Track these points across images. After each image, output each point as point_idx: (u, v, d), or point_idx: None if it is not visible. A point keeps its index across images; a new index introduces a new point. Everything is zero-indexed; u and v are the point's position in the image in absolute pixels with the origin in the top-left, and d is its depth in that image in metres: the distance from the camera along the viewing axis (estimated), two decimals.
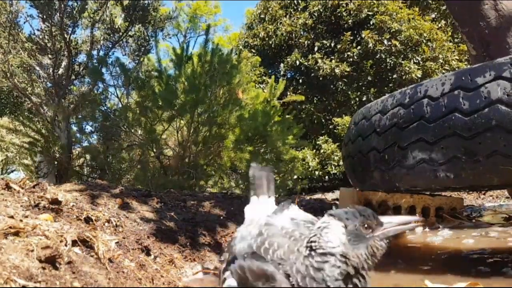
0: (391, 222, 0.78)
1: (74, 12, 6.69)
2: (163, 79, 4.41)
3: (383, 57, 7.58)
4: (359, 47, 7.74)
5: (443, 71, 7.48)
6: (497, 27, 2.46)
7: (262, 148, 4.65)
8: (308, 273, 0.72)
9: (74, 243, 1.02)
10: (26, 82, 7.56)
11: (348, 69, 7.62)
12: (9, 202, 1.20)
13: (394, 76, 7.60)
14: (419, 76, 7.25)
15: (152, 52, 7.97)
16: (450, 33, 8.30)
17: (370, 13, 7.78)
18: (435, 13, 9.13)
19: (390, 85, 7.69)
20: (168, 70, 4.98)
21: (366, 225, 0.76)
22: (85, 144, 5.71)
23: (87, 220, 1.46)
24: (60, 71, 7.10)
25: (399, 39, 7.54)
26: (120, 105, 5.55)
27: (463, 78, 1.56)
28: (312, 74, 7.93)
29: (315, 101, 8.22)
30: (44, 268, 0.82)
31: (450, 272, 1.47)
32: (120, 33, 7.59)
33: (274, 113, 4.71)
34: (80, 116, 5.84)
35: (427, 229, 2.50)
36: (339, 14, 8.07)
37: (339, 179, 7.44)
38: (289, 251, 0.77)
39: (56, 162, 5.63)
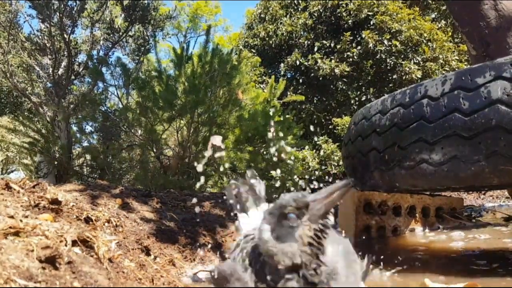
0: (315, 200, 0.69)
1: (74, 12, 6.69)
2: (163, 79, 4.41)
3: (383, 57, 7.57)
4: (359, 47, 7.74)
5: (443, 71, 7.48)
6: (497, 27, 2.46)
7: (262, 148, 4.65)
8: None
9: (74, 243, 1.02)
10: (26, 82, 7.56)
11: (348, 69, 7.62)
12: (9, 202, 1.20)
13: (394, 76, 7.60)
14: (419, 76, 7.24)
15: (151, 52, 7.97)
16: (450, 33, 8.30)
17: (370, 13, 7.78)
18: (435, 13, 9.13)
19: (390, 85, 7.68)
20: (168, 70, 4.98)
21: (288, 216, 0.67)
22: (85, 144, 5.71)
23: (87, 220, 1.46)
24: (60, 71, 7.10)
25: (399, 39, 7.53)
26: (120, 105, 5.55)
27: (463, 78, 1.56)
28: (312, 74, 7.93)
29: (315, 101, 8.22)
30: (44, 268, 0.82)
31: (449, 272, 1.47)
32: (120, 33, 7.59)
33: (274, 113, 4.71)
34: (80, 116, 5.84)
35: (427, 230, 2.50)
36: (339, 14, 8.07)
37: (339, 179, 7.43)
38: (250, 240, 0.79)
39: (56, 162, 5.62)
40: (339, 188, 0.71)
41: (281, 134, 4.52)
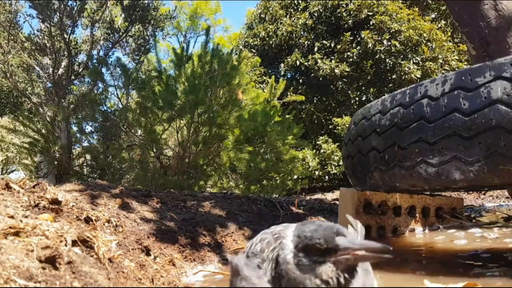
0: (346, 248, 0.64)
1: (74, 12, 6.69)
2: (163, 79, 4.42)
3: (383, 57, 7.58)
4: (358, 47, 7.74)
5: (443, 71, 7.49)
6: (497, 27, 2.46)
7: (261, 148, 4.66)
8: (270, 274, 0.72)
9: (74, 243, 1.02)
10: (26, 82, 7.57)
11: (348, 69, 7.63)
12: (9, 202, 1.20)
13: (394, 76, 7.60)
14: (419, 76, 7.25)
15: (152, 52, 7.98)
16: (450, 33, 8.31)
17: (370, 13, 7.79)
18: (435, 13, 9.13)
19: (390, 85, 7.69)
20: (168, 70, 4.98)
21: (312, 250, 0.64)
22: (85, 144, 5.72)
23: (87, 220, 1.46)
24: (60, 71, 7.10)
25: (399, 39, 7.54)
26: (120, 105, 5.55)
27: (463, 78, 1.56)
28: (312, 74, 7.94)
29: (315, 101, 8.22)
30: (44, 268, 0.82)
31: (449, 272, 1.47)
32: (120, 33, 7.59)
33: (274, 113, 4.72)
34: (80, 116, 5.84)
35: (427, 230, 2.50)
36: (339, 15, 8.07)
37: (339, 179, 7.44)
38: (268, 245, 0.78)
39: (56, 162, 5.63)
40: (375, 250, 0.65)
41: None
